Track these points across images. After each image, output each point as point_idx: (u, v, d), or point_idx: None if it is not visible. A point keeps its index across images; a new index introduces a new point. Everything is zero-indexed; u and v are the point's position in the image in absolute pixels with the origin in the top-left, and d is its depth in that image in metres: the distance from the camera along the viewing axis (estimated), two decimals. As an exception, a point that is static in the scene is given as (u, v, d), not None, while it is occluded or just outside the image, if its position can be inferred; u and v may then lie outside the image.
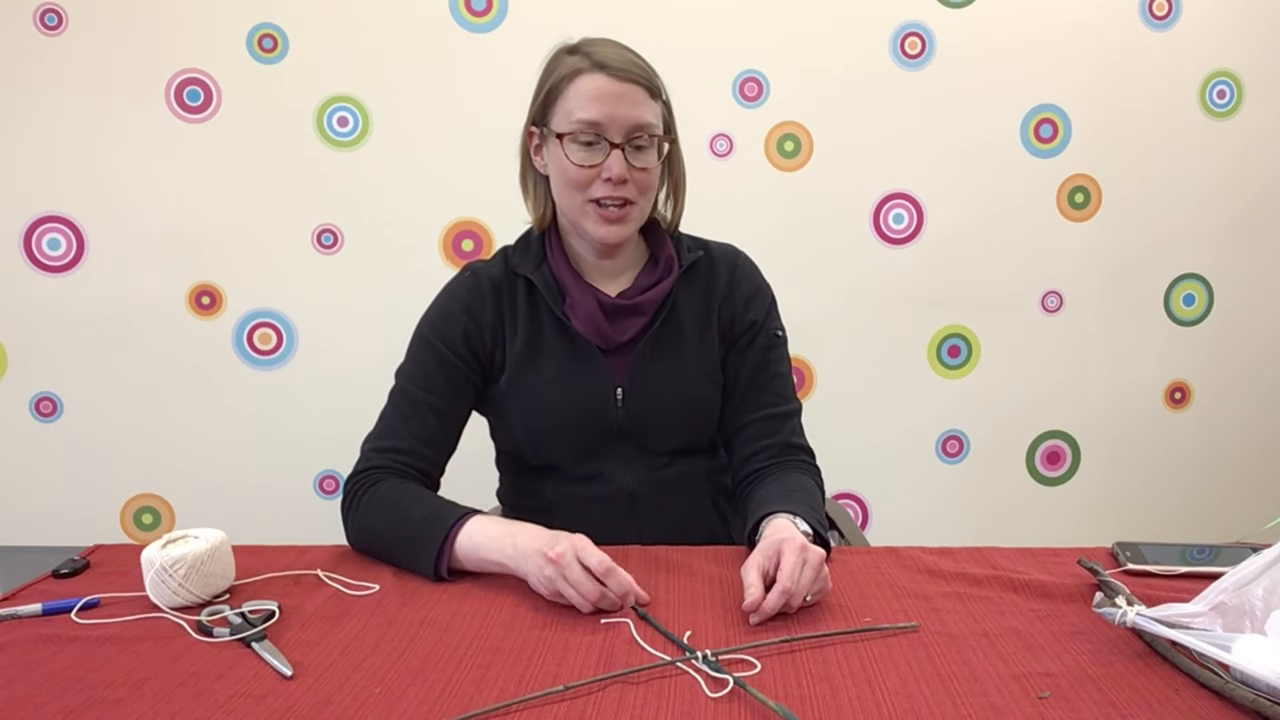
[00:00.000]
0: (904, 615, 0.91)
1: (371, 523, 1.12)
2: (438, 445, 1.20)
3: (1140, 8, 2.18)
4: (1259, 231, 2.28)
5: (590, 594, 0.92)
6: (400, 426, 1.19)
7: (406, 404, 1.20)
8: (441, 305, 1.24)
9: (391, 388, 1.22)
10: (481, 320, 1.22)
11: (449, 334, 1.21)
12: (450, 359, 1.20)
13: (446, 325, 1.22)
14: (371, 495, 1.13)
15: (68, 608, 0.93)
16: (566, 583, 0.93)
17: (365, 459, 1.18)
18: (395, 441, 1.18)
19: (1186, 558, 1.02)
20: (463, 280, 1.25)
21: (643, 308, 1.21)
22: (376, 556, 1.12)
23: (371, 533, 1.12)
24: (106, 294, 2.17)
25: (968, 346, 2.29)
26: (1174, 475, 2.35)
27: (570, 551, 0.94)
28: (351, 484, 1.16)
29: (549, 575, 0.94)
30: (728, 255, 1.30)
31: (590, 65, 1.13)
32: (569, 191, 1.16)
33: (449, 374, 1.20)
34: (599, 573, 0.92)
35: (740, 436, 1.24)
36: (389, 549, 1.10)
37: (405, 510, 1.10)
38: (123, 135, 2.13)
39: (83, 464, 2.22)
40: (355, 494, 1.14)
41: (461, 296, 1.23)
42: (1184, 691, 0.75)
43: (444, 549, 1.03)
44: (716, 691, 0.76)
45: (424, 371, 1.21)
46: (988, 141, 2.21)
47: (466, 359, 1.21)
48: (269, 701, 0.76)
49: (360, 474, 1.16)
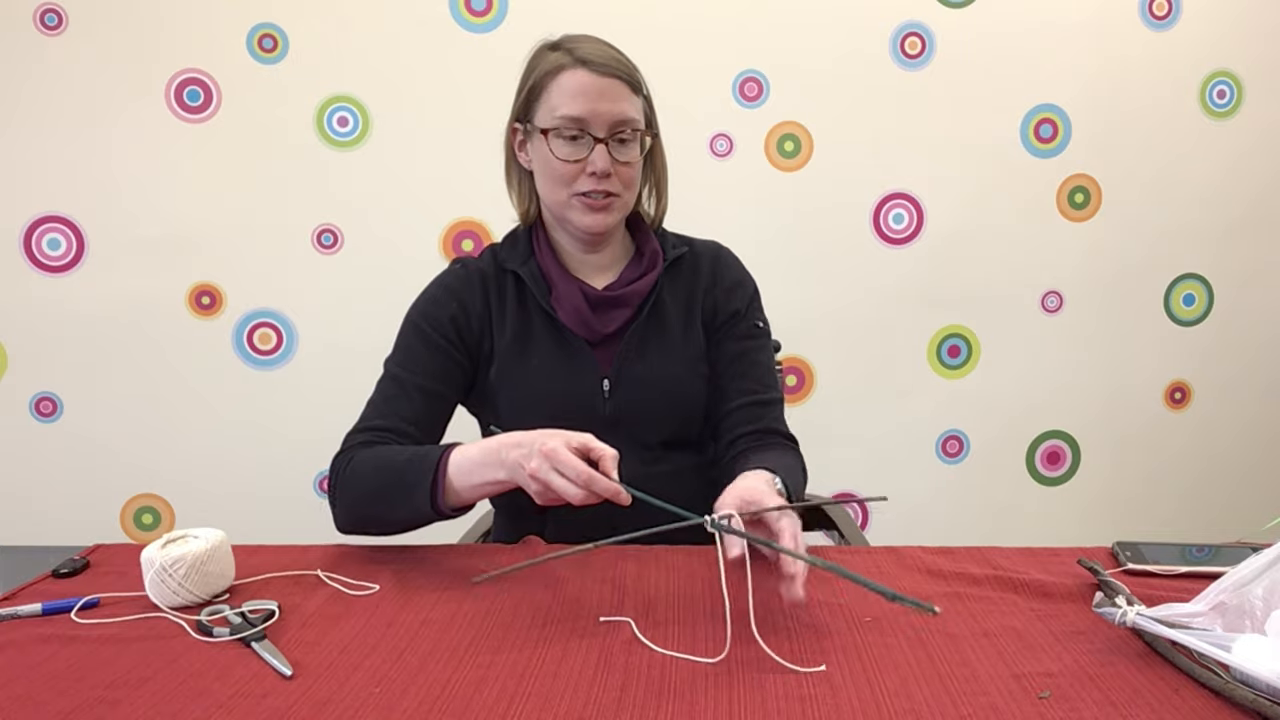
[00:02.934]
0: (904, 615, 0.91)
1: (357, 486, 1.10)
2: (424, 426, 1.19)
3: (1140, 8, 2.18)
4: (1259, 231, 2.28)
5: (581, 474, 0.91)
6: (385, 407, 1.18)
7: (392, 385, 1.20)
8: (430, 293, 1.25)
9: (379, 376, 1.22)
10: (470, 309, 1.22)
11: (437, 319, 1.21)
12: (438, 341, 1.21)
13: (435, 311, 1.22)
14: (353, 465, 1.11)
15: (68, 607, 0.93)
16: (556, 472, 0.92)
17: (347, 440, 1.17)
18: (379, 421, 1.17)
19: (1186, 557, 1.02)
20: (453, 271, 1.26)
21: (628, 300, 1.22)
22: (369, 521, 1.11)
23: (360, 497, 1.10)
24: (106, 294, 2.17)
25: (968, 346, 2.29)
26: (1174, 475, 2.35)
27: (547, 466, 0.93)
28: (334, 467, 1.14)
29: (536, 490, 0.94)
30: (710, 249, 1.32)
31: (573, 61, 1.15)
32: (554, 186, 1.18)
33: (436, 356, 1.20)
34: (579, 483, 0.91)
35: (723, 424, 1.25)
36: (380, 503, 1.08)
37: (388, 460, 1.09)
38: (123, 135, 2.13)
39: (83, 464, 2.22)
40: (337, 474, 1.13)
41: (451, 285, 1.24)
42: (1184, 691, 0.75)
43: (437, 478, 1.03)
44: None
45: (411, 354, 1.21)
46: (988, 141, 2.21)
47: (455, 343, 1.21)
48: (269, 701, 0.75)
49: (339, 455, 1.15)
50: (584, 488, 0.91)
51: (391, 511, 1.09)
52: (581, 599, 0.96)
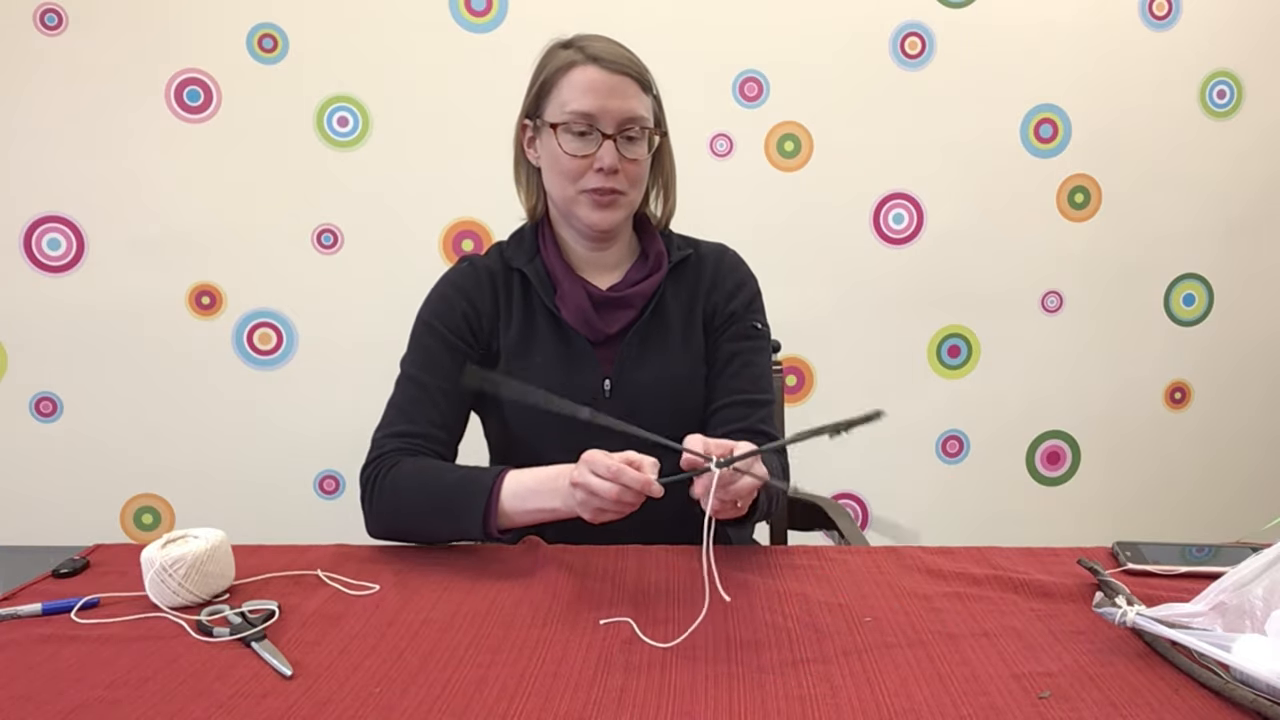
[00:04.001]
0: (904, 615, 0.91)
1: (399, 500, 1.11)
2: (450, 429, 1.21)
3: (1140, 8, 2.18)
4: (1259, 231, 2.28)
5: (610, 493, 0.94)
6: (412, 411, 1.19)
7: (415, 389, 1.20)
8: (441, 292, 1.25)
9: (398, 377, 1.23)
10: (481, 308, 1.23)
11: (450, 319, 1.22)
12: (454, 342, 1.21)
13: (447, 310, 1.23)
14: (394, 475, 1.12)
15: (68, 607, 0.93)
16: (592, 473, 0.95)
17: (377, 446, 1.17)
18: (408, 426, 1.17)
19: (1186, 557, 1.02)
20: (461, 270, 1.26)
21: (631, 301, 1.22)
22: (407, 534, 1.12)
23: (401, 510, 1.11)
24: (106, 294, 2.17)
25: (968, 346, 2.29)
26: (1174, 475, 2.35)
27: (585, 469, 0.96)
28: (368, 472, 1.15)
29: (580, 500, 0.97)
30: (715, 252, 1.32)
31: (584, 58, 1.16)
32: (562, 182, 1.18)
33: (455, 358, 1.21)
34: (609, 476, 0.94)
35: (710, 421, 1.25)
36: (424, 520, 1.10)
37: (436, 477, 1.10)
38: (123, 135, 2.13)
39: (83, 464, 2.22)
40: (374, 480, 1.14)
41: (460, 284, 1.24)
42: (1184, 691, 0.75)
43: (491, 503, 1.05)
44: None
45: (429, 357, 1.21)
46: (988, 141, 2.21)
47: (469, 342, 1.22)
48: (269, 701, 0.76)
49: (375, 460, 1.16)
50: (613, 480, 0.93)
51: (436, 530, 1.11)
52: (581, 599, 0.96)
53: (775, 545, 1.43)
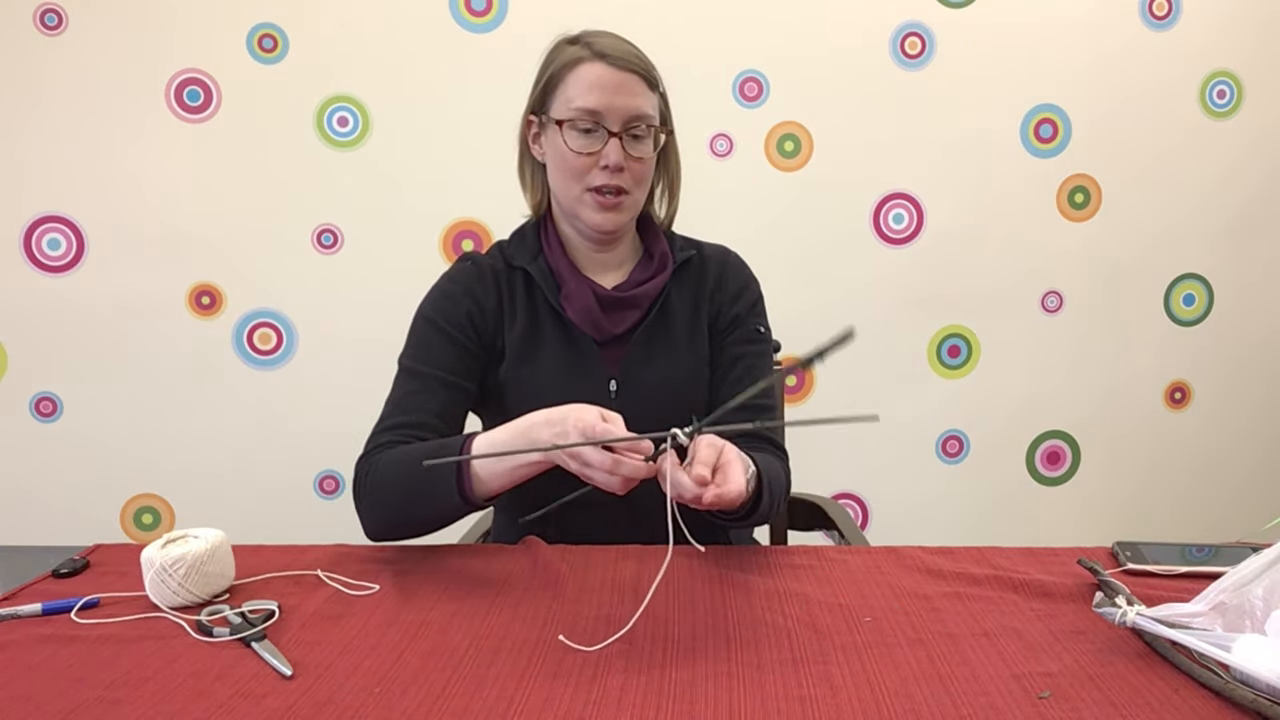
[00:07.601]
0: (904, 615, 0.91)
1: (383, 488, 1.08)
2: (449, 419, 1.18)
3: (1140, 8, 2.18)
4: (1259, 231, 2.29)
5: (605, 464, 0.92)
6: (407, 403, 1.16)
7: (412, 381, 1.18)
8: (443, 289, 1.23)
9: (395, 374, 1.21)
10: (484, 305, 1.21)
11: (452, 314, 1.20)
12: (455, 335, 1.19)
13: (449, 305, 1.20)
14: (377, 465, 1.10)
15: (67, 607, 0.93)
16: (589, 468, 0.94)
17: (372, 440, 1.15)
18: (404, 418, 1.15)
19: (1186, 557, 1.02)
20: (463, 268, 1.24)
21: (637, 301, 1.22)
22: (397, 525, 1.09)
23: (386, 498, 1.09)
24: (106, 294, 2.17)
25: (968, 346, 2.29)
26: (1174, 475, 2.35)
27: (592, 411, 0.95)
28: (357, 470, 1.13)
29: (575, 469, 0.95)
30: (718, 253, 1.31)
31: (591, 55, 1.15)
32: (566, 179, 1.17)
33: (454, 349, 1.19)
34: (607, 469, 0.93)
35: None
36: (405, 502, 1.07)
37: (410, 456, 1.07)
38: (123, 135, 2.13)
39: (83, 464, 2.22)
40: (363, 477, 1.11)
41: (463, 281, 1.22)
42: (1184, 691, 0.75)
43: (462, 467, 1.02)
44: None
45: (428, 349, 1.19)
46: (988, 141, 2.21)
47: (471, 336, 1.20)
48: (269, 701, 0.75)
49: (364, 457, 1.14)
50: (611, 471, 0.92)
51: (419, 509, 1.07)
52: (581, 599, 0.96)
53: (775, 545, 1.43)
